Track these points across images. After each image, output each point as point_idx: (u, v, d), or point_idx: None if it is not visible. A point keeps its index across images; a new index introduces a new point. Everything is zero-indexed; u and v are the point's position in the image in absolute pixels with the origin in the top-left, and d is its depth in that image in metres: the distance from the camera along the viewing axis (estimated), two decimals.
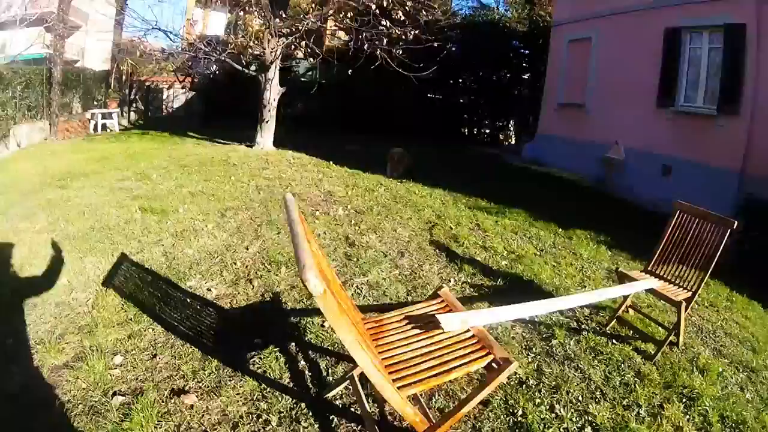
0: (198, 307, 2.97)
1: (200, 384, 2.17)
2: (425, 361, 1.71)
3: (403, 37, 7.79)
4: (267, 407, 2.05)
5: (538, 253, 4.65)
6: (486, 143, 16.59)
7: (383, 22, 7.65)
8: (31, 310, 2.77)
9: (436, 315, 1.82)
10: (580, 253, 4.80)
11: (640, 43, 8.97)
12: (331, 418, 2.05)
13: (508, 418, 2.16)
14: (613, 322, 3.24)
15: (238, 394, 2.12)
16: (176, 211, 4.90)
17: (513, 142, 16.77)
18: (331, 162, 8.32)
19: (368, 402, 1.99)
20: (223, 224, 4.55)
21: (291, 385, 2.24)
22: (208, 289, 3.16)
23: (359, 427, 1.99)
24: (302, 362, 2.44)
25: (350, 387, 2.12)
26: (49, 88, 9.44)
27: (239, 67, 8.37)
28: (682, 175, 8.01)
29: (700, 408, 2.42)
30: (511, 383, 2.45)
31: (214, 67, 12.33)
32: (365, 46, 7.94)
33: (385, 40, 7.79)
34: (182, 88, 14.26)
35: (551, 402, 2.32)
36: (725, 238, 2.89)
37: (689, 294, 2.95)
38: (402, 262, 3.97)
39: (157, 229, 4.29)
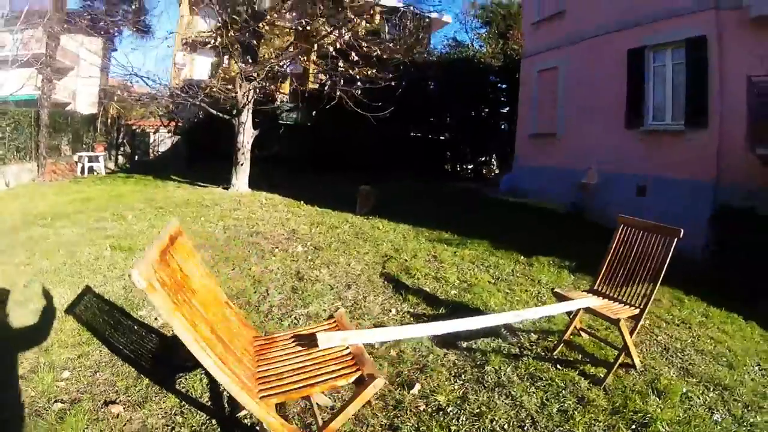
0: (143, 333, 3.25)
1: (129, 398, 2.42)
2: (296, 374, 1.86)
3: (358, 76, 8.20)
4: (182, 421, 2.26)
5: (493, 281, 4.72)
6: (469, 178, 16.92)
7: (340, 63, 8.13)
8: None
9: (316, 333, 1.98)
10: (539, 279, 4.87)
11: (605, 66, 9.24)
12: None
13: None
14: (560, 347, 3.15)
15: (160, 408, 2.36)
16: (142, 249, 5.22)
17: (498, 173, 17.06)
18: (301, 202, 8.57)
19: None
20: None
21: (209, 403, 2.43)
22: (155, 318, 3.44)
23: None
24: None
25: None
26: (37, 131, 9.91)
27: (214, 111, 8.89)
28: (656, 193, 8.18)
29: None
30: (429, 410, 2.45)
31: (197, 111, 12.89)
32: (326, 87, 8.44)
33: (341, 81, 8.22)
34: (168, 132, 14.81)
35: (469, 431, 2.32)
36: (671, 250, 2.82)
37: (636, 311, 2.85)
38: (347, 294, 4.07)
39: (122, 265, 4.56)
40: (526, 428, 2.37)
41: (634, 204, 8.29)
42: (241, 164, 9.42)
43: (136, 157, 14.43)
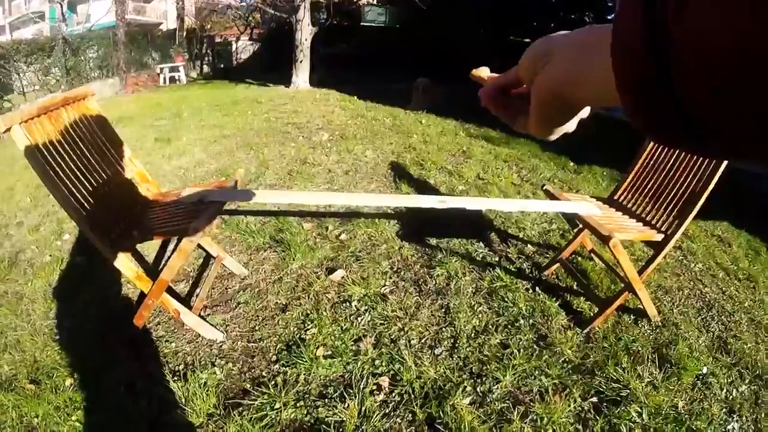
0: None
1: None
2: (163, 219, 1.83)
3: None
4: None
5: (518, 183, 4.04)
6: None
7: None
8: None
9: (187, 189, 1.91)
10: (579, 188, 4.09)
11: None
12: None
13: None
14: (554, 267, 2.43)
15: None
16: (180, 139, 5.50)
17: None
18: (355, 97, 8.35)
19: None
20: (207, 147, 5.05)
21: None
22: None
23: None
24: None
25: None
26: (116, 49, 10.69)
27: (270, 11, 8.73)
28: None
29: (617, 415, 1.58)
30: (333, 300, 2.17)
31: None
32: None
33: None
34: (249, 39, 15.06)
35: (354, 336, 1.93)
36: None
37: (658, 237, 1.94)
38: (339, 180, 3.85)
39: (157, 153, 4.92)
40: (434, 352, 1.85)
41: None
42: (300, 61, 9.30)
43: (222, 65, 14.98)
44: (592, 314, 2.10)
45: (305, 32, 9.04)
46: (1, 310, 2.21)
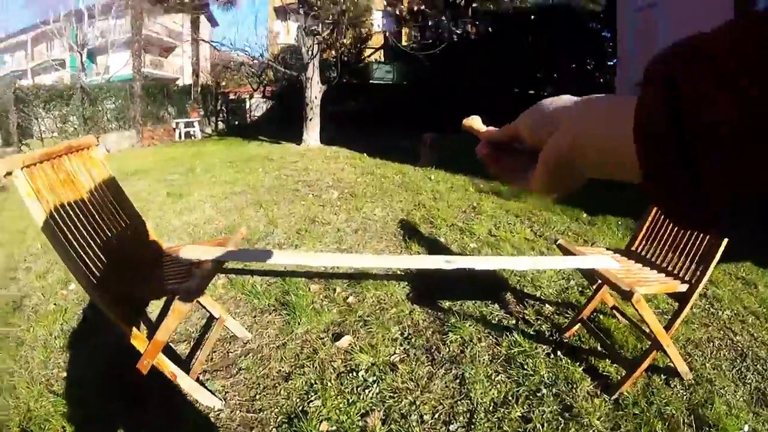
0: None
1: None
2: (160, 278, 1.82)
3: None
4: None
5: (531, 239, 3.94)
6: None
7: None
8: None
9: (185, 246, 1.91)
10: (595, 240, 3.97)
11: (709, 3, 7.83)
12: None
13: None
14: (575, 328, 2.27)
15: None
16: (191, 195, 5.56)
17: None
18: (364, 154, 8.50)
19: None
20: (218, 203, 5.08)
21: None
22: None
23: None
24: None
25: None
26: (132, 102, 11.18)
27: (282, 69, 9.12)
28: None
29: None
30: (339, 369, 2.06)
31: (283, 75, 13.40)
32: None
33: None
34: (262, 97, 15.66)
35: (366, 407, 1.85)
36: None
37: (683, 287, 1.82)
38: (348, 239, 3.81)
39: (168, 208, 4.96)
40: (449, 429, 1.71)
41: None
42: (310, 119, 9.57)
43: (237, 122, 15.50)
44: (619, 377, 1.95)
45: (315, 90, 9.36)
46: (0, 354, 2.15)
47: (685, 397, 1.85)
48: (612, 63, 15.01)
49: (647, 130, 0.24)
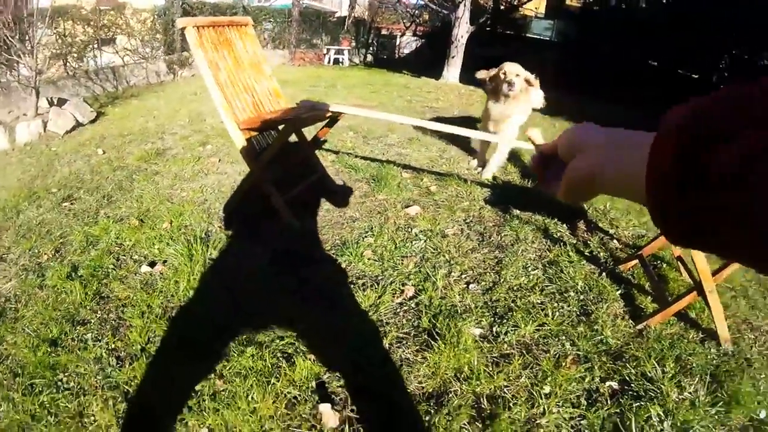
0: None
1: None
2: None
3: None
4: None
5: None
6: None
7: None
8: None
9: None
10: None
11: None
12: None
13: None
14: (631, 264, 2.21)
15: None
16: (328, 100, 6.22)
17: None
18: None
19: None
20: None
21: None
22: None
23: None
24: None
25: None
26: (289, 25, 12.33)
27: (433, 6, 9.17)
28: None
29: (632, 410, 1.39)
30: (402, 226, 2.36)
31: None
32: None
33: None
34: (413, 35, 15.82)
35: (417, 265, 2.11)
36: None
37: None
38: (450, 150, 4.04)
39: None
40: (468, 287, 1.93)
41: None
42: (453, 57, 9.59)
43: (384, 56, 15.98)
44: (647, 309, 1.90)
45: (462, 29, 9.29)
46: (140, 182, 2.95)
47: (713, 360, 1.67)
48: None
49: (656, 173, 0.26)
